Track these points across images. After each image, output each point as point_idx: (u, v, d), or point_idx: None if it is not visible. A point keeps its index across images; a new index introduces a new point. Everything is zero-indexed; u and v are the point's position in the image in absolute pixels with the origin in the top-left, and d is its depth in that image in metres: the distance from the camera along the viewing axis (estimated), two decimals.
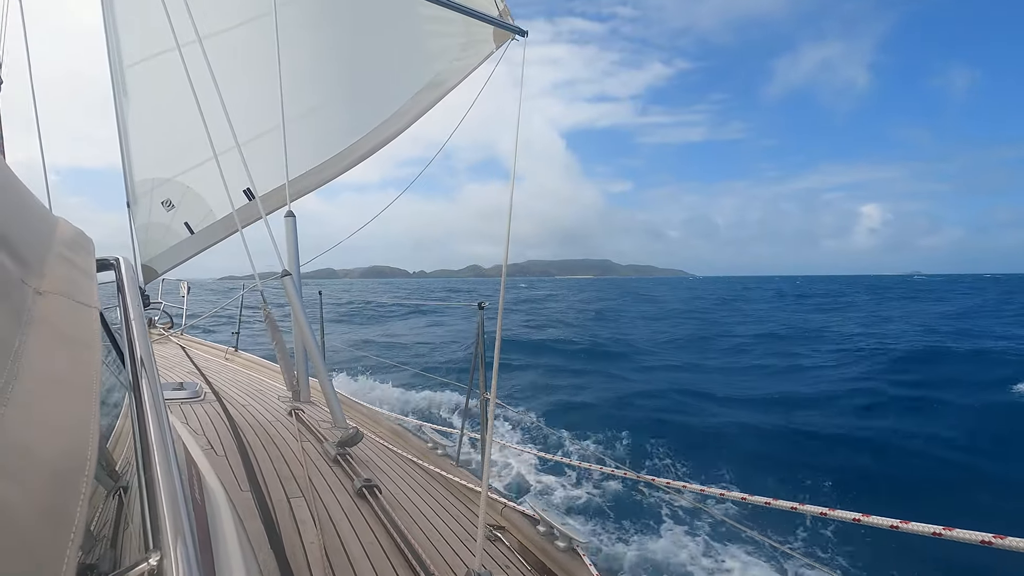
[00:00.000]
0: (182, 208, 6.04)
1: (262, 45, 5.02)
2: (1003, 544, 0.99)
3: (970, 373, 11.40)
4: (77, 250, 0.97)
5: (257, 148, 5.21)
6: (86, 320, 0.77)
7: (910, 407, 9.43)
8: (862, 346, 15.85)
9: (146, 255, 6.37)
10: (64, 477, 0.50)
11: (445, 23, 5.11)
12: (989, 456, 7.20)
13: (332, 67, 5.55)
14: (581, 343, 17.60)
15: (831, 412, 9.34)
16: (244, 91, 5.17)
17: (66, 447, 0.53)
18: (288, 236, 4.42)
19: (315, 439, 3.55)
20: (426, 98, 5.38)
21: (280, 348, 4.34)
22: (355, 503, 2.64)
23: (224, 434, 3.47)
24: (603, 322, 26.95)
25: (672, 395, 10.65)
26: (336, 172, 5.59)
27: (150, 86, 5.64)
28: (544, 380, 12.12)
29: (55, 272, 0.81)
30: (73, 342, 0.69)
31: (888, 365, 12.87)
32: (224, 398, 4.42)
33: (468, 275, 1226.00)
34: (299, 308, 3.82)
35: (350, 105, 5.62)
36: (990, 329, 19.79)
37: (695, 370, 14.03)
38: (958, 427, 8.17)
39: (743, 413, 9.49)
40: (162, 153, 5.94)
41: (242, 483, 2.67)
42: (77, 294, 0.81)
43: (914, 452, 7.40)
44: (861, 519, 1.20)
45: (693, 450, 7.57)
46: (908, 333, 18.79)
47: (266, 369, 6.07)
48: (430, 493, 2.93)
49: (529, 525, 2.52)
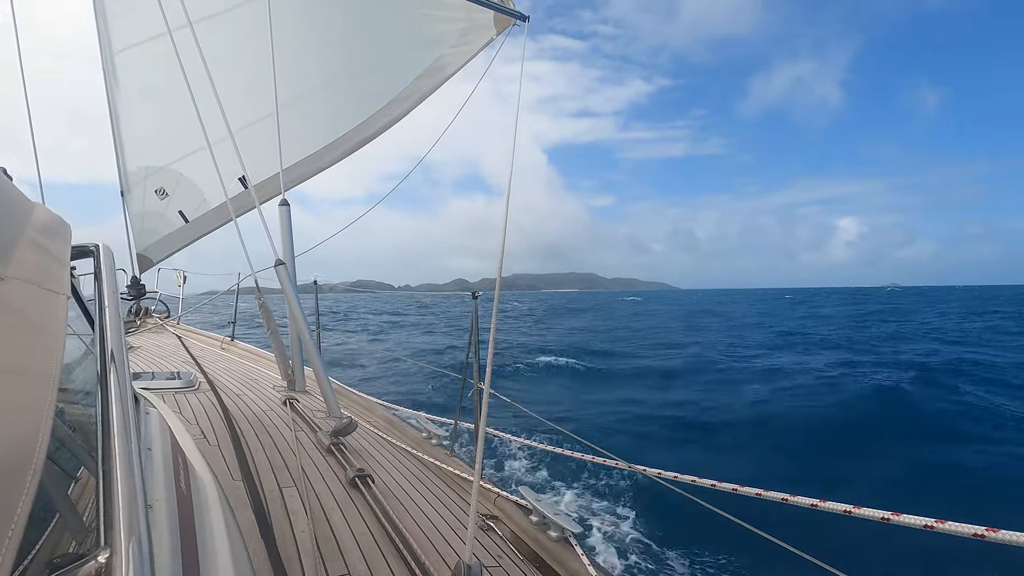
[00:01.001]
0: (176, 196, 5.99)
1: (256, 29, 4.93)
2: (996, 537, 0.98)
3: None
4: (51, 236, 0.95)
5: (252, 135, 5.14)
6: (52, 307, 0.74)
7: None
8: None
9: (141, 244, 6.33)
10: (6, 469, 0.48)
11: (445, 8, 5.01)
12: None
13: (328, 52, 5.45)
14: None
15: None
16: (238, 77, 5.10)
17: (11, 437, 0.51)
18: (282, 225, 4.37)
19: (309, 428, 3.54)
20: (425, 84, 5.29)
21: (275, 337, 4.32)
22: (347, 493, 2.63)
23: (218, 423, 3.46)
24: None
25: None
26: (333, 160, 5.52)
27: (141, 72, 5.56)
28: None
29: (24, 258, 0.79)
30: (35, 329, 0.66)
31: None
32: (219, 387, 4.40)
33: (454, 288, 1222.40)
34: (294, 297, 3.79)
35: (347, 91, 5.53)
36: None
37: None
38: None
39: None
40: (155, 141, 5.87)
41: (234, 472, 2.65)
42: (46, 281, 0.78)
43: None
44: (852, 511, 1.19)
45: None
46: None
47: (262, 359, 6.06)
48: (423, 483, 2.92)
49: (522, 515, 2.52)
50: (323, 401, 3.62)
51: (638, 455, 7.08)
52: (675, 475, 1.96)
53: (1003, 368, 13.32)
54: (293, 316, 3.92)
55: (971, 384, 11.24)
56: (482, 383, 2.80)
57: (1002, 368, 13.31)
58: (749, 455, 7.66)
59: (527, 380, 13.59)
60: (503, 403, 3.61)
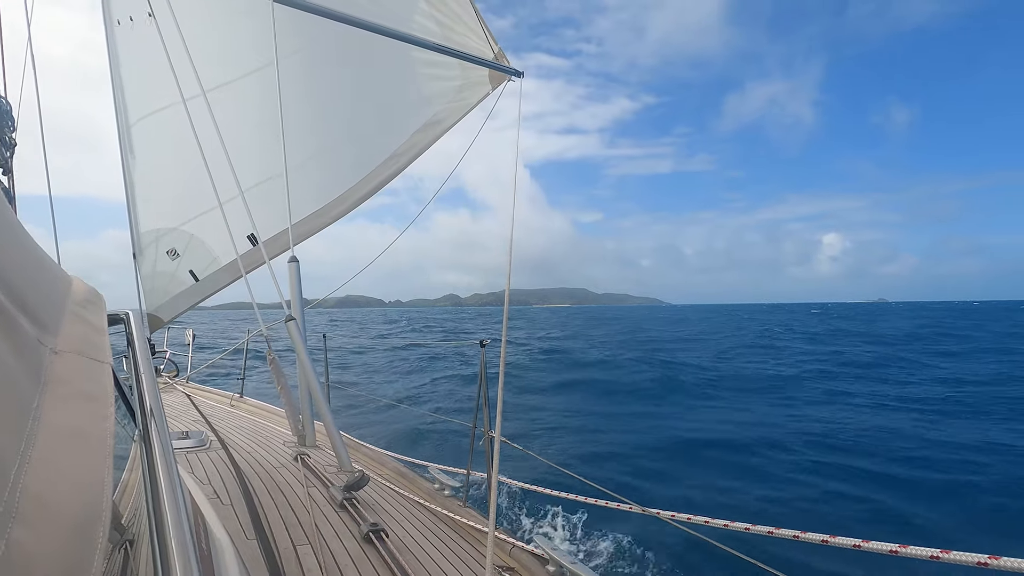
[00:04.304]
0: (187, 256, 6.13)
1: (264, 95, 5.18)
2: (999, 565, 0.99)
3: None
4: (90, 308, 1.02)
5: (260, 194, 5.32)
6: (99, 376, 0.81)
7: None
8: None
9: (151, 304, 6.43)
10: (82, 529, 0.53)
11: (442, 67, 5.25)
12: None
13: (332, 114, 5.69)
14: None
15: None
16: (247, 140, 5.32)
17: (84, 500, 0.56)
18: (292, 281, 4.46)
19: (321, 484, 3.53)
20: (424, 138, 5.50)
21: (285, 393, 4.35)
22: (362, 548, 2.61)
23: (230, 482, 3.45)
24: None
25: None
26: (338, 214, 5.68)
27: (155, 139, 5.80)
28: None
29: (70, 331, 0.85)
30: (88, 398, 0.72)
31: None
32: (230, 446, 4.40)
33: (446, 304, 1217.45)
34: (304, 353, 3.84)
35: (350, 149, 5.74)
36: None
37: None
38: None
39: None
40: (166, 203, 6.07)
41: (248, 531, 2.65)
42: (91, 351, 0.85)
43: None
44: (861, 545, 1.20)
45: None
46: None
47: (271, 414, 6.05)
48: (437, 536, 2.89)
49: (538, 565, 2.49)
50: (334, 455, 3.62)
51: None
52: (688, 516, 1.96)
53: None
54: (303, 371, 3.96)
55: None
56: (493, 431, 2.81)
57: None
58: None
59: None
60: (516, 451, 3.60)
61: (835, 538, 1.28)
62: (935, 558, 1.05)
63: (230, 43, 5.32)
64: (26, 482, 0.50)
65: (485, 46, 5.06)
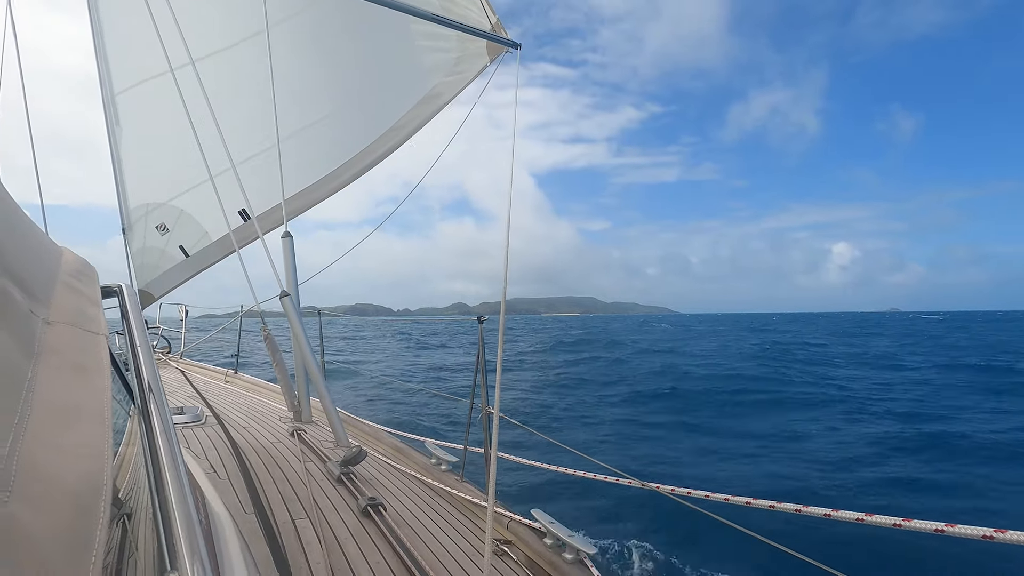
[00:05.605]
0: (176, 231, 6.05)
1: (256, 65, 5.03)
2: (1004, 538, 1.00)
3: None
4: (82, 279, 0.98)
5: (252, 168, 5.22)
6: (94, 347, 0.78)
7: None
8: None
9: (142, 280, 6.37)
10: (83, 502, 0.51)
11: (439, 38, 5.12)
12: None
13: (326, 85, 5.55)
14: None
15: None
16: (238, 111, 5.19)
17: (84, 472, 0.54)
18: (285, 256, 4.41)
19: (318, 459, 3.54)
20: (421, 113, 5.38)
21: (280, 368, 4.33)
22: (360, 522, 2.63)
23: (227, 457, 3.46)
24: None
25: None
26: (333, 189, 5.59)
27: (142, 111, 5.66)
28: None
29: (62, 301, 0.82)
30: (83, 369, 0.70)
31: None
32: (225, 421, 4.40)
33: (454, 312, 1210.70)
34: (299, 328, 3.81)
35: (345, 122, 5.62)
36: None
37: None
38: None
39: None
40: (156, 178, 5.95)
41: (246, 506, 2.65)
42: (84, 322, 0.82)
43: None
44: (864, 519, 1.21)
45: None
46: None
47: (267, 390, 6.05)
48: (435, 509, 2.91)
49: (536, 538, 2.51)
50: (330, 431, 3.62)
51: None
52: (688, 491, 1.97)
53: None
54: (299, 346, 3.94)
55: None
56: (491, 407, 2.82)
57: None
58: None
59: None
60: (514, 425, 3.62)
61: (837, 512, 1.29)
62: (939, 531, 1.06)
63: (221, 9, 5.16)
64: (22, 456, 0.48)
65: (482, 16, 4.93)
